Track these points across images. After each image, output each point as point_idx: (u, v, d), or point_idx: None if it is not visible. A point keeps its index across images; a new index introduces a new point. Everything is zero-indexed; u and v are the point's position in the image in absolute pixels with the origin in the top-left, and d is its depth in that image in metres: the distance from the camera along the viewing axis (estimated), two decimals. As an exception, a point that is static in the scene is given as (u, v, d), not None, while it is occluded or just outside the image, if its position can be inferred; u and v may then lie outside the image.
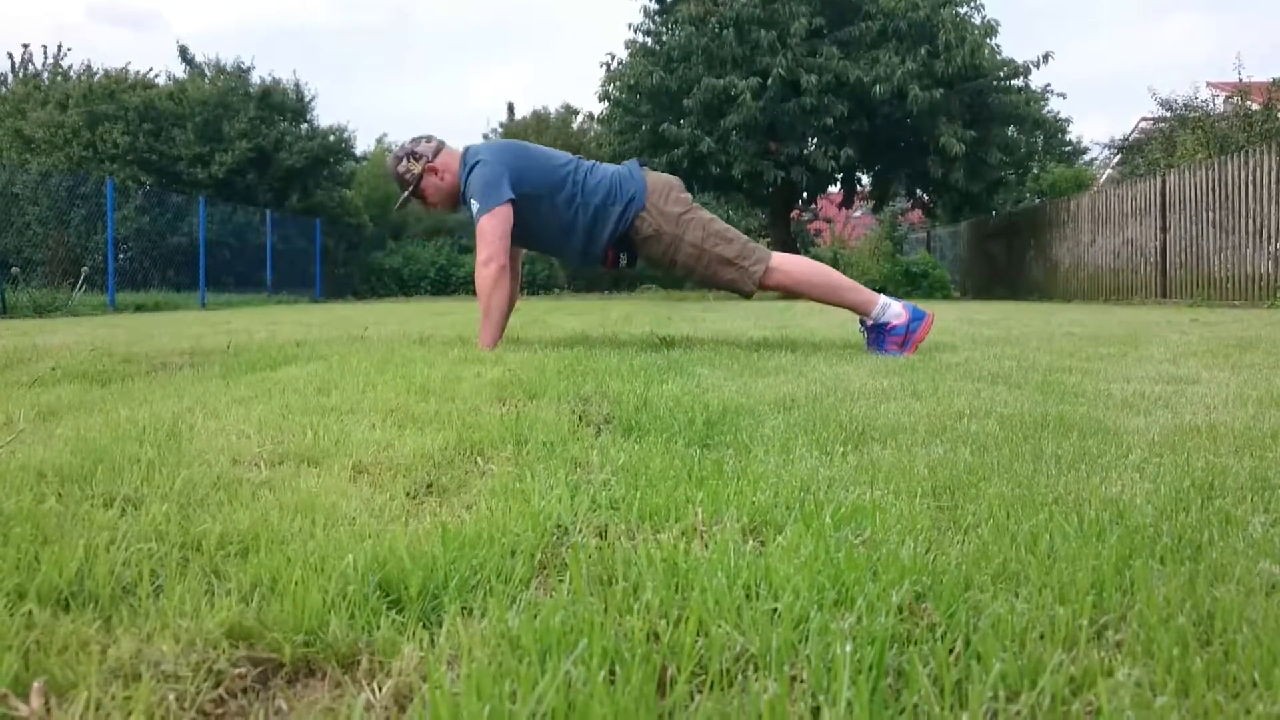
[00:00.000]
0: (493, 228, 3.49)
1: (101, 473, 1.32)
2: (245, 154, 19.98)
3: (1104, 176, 24.05)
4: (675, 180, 3.76)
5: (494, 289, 3.49)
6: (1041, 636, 0.77)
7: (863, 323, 3.62)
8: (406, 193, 3.80)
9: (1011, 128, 18.33)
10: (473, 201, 3.54)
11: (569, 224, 3.64)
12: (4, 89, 22.30)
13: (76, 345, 4.05)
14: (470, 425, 1.75)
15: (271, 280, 18.71)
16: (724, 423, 1.80)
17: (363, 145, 26.52)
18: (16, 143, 19.73)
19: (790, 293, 3.72)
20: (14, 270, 12.36)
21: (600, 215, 3.62)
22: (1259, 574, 0.91)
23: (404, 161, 3.75)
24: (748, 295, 3.70)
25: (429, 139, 3.80)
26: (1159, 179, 13.20)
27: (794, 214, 23.09)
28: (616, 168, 3.72)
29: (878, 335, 3.55)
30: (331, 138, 22.24)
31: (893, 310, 3.53)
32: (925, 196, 19.91)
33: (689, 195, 3.74)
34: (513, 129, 28.40)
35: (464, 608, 0.86)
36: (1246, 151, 11.40)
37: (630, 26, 19.04)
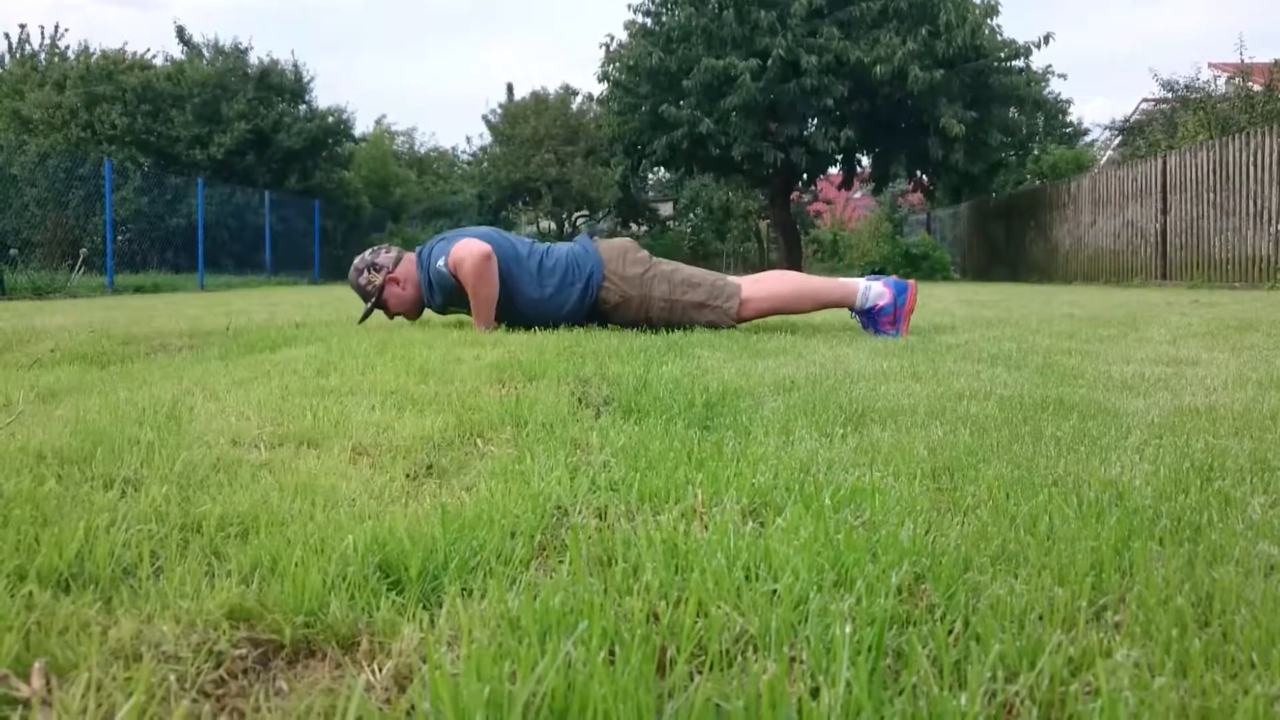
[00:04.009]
0: (470, 243, 3.50)
1: (101, 454, 1.32)
2: (244, 135, 19.88)
3: (1104, 158, 23.95)
4: (628, 242, 3.80)
5: (484, 270, 3.46)
6: (1040, 617, 0.78)
7: (852, 311, 3.65)
8: (370, 304, 3.84)
9: (1012, 109, 18.26)
10: (439, 261, 3.55)
11: (529, 299, 3.67)
12: (1, 70, 22.13)
13: (76, 327, 4.04)
14: (470, 407, 1.75)
15: (270, 262, 18.66)
16: (723, 404, 1.80)
17: (362, 126, 26.39)
18: (14, 124, 19.58)
19: (773, 314, 3.74)
20: (12, 252, 12.32)
21: (558, 295, 3.65)
22: (1258, 555, 0.91)
23: (365, 274, 3.81)
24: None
25: (388, 249, 3.89)
26: (1160, 160, 13.16)
27: (794, 195, 23.03)
28: (570, 246, 3.77)
29: (869, 320, 3.58)
30: (330, 119, 22.12)
31: (875, 291, 3.54)
32: (925, 178, 19.86)
33: (646, 253, 3.77)
34: (512, 109, 28.26)
35: (464, 589, 0.86)
36: (1248, 133, 11.35)
37: (630, 7, 18.91)
